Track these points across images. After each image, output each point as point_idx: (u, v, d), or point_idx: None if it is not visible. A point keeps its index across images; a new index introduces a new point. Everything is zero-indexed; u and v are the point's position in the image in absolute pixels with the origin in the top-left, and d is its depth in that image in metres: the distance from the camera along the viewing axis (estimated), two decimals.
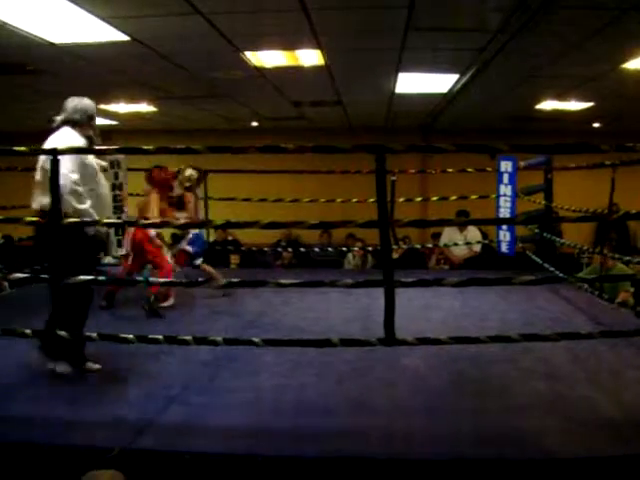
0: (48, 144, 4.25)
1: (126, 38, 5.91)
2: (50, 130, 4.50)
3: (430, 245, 11.06)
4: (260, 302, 6.54)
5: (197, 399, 3.96)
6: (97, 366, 4.48)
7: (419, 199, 10.36)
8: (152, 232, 6.28)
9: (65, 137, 4.34)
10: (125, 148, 4.37)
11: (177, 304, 6.49)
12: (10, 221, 4.20)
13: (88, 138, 4.47)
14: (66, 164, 4.05)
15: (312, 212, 8.96)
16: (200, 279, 5.60)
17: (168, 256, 6.52)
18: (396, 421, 3.65)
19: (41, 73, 7.50)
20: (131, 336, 3.91)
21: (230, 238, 12.15)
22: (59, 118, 4.49)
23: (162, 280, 5.43)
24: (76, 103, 4.55)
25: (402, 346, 3.95)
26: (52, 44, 6.04)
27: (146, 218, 6.17)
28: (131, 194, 8.05)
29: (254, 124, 13.21)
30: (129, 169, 8.13)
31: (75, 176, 4.19)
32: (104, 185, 4.60)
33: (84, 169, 4.30)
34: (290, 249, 11.27)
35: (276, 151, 3.82)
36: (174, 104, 10.38)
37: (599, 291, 6.51)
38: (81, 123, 4.49)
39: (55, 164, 3.75)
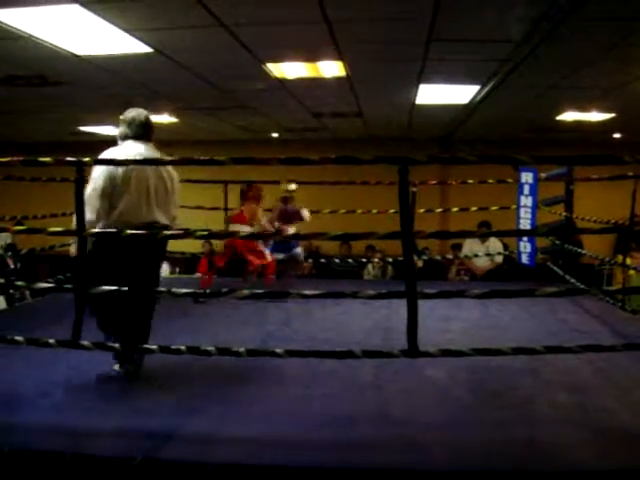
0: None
1: (149, 50, 5.97)
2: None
3: (450, 256, 11.03)
4: (281, 312, 6.52)
5: (219, 409, 3.95)
6: None
7: (439, 210, 10.33)
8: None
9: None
10: (149, 160, 4.39)
11: (199, 314, 6.51)
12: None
13: None
14: None
15: (332, 223, 8.95)
16: None
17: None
18: (417, 432, 3.62)
19: (64, 85, 7.59)
20: (155, 347, 3.93)
21: None
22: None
23: None
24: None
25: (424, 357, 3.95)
26: (76, 56, 6.11)
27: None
28: None
29: (274, 135, 13.26)
30: None
31: None
32: None
33: None
34: (310, 260, 11.29)
35: (299, 163, 3.83)
36: (195, 115, 10.47)
37: (622, 302, 6.47)
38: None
39: None
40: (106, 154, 4.30)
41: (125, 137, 4.45)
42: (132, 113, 4.52)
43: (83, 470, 3.25)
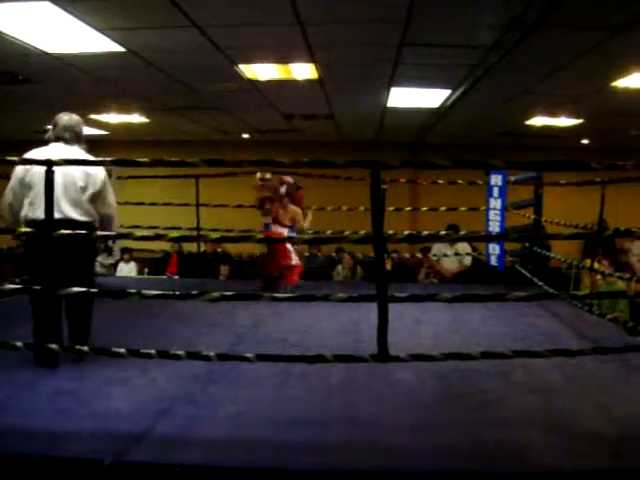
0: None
1: (121, 49, 5.93)
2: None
3: (419, 255, 11.08)
4: (249, 314, 6.49)
5: (188, 411, 3.92)
6: None
7: (409, 209, 10.36)
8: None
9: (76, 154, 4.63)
10: (120, 160, 4.38)
11: (167, 316, 6.47)
12: None
13: None
14: None
15: None
16: None
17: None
18: (386, 435, 3.63)
19: (33, 82, 7.52)
20: (123, 350, 3.91)
21: (220, 250, 12.14)
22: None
23: None
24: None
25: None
26: (47, 54, 6.06)
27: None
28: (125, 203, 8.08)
29: (245, 136, 13.23)
30: (119, 177, 8.16)
31: None
32: None
33: None
34: None
35: (272, 165, 3.83)
36: (166, 115, 10.42)
37: (589, 307, 6.54)
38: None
39: None
40: (26, 155, 4.49)
41: (49, 139, 4.69)
42: (58, 116, 4.73)
43: (50, 473, 3.22)
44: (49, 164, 3.88)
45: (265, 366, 4.56)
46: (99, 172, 4.68)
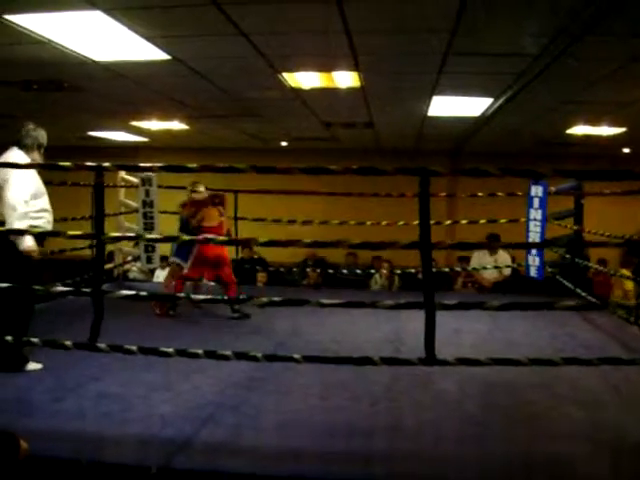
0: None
1: (167, 57, 5.98)
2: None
3: (458, 268, 11.01)
4: (288, 323, 6.50)
5: (231, 419, 3.94)
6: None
7: (448, 222, 10.29)
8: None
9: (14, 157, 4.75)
10: (169, 166, 4.38)
11: (207, 323, 6.52)
12: None
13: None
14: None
15: (340, 233, 8.84)
16: None
17: None
18: (428, 445, 3.62)
19: (79, 90, 7.61)
20: (171, 350, 3.93)
21: (256, 256, 12.18)
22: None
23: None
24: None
25: (436, 371, 3.96)
26: (94, 62, 6.13)
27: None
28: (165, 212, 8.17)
29: (283, 144, 13.26)
30: (160, 186, 8.25)
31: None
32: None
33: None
34: (318, 270, 11.32)
35: (320, 172, 3.83)
36: (206, 122, 10.48)
37: (636, 317, 6.45)
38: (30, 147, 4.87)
39: None
40: None
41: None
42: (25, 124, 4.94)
43: (98, 478, 3.25)
44: (99, 169, 4.00)
45: (308, 375, 4.58)
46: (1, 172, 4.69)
